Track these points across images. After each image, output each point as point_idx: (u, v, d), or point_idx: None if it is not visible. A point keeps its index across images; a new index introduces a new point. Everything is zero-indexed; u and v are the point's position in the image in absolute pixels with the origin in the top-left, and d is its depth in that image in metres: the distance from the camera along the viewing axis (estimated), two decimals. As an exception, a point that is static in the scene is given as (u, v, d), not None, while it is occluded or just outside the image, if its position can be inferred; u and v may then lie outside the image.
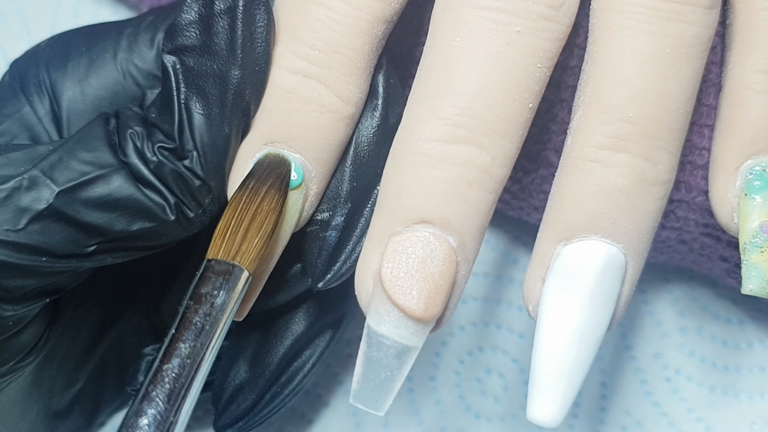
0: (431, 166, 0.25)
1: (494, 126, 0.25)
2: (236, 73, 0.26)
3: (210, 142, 0.26)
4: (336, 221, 0.27)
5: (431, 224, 0.24)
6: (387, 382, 0.25)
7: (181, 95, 0.26)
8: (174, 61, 0.27)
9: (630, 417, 0.35)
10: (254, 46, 0.26)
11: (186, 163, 0.26)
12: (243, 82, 0.26)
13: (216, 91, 0.26)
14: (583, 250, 0.25)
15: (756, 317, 0.36)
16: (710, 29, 0.26)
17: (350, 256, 0.27)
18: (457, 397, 0.35)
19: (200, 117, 0.26)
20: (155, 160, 0.26)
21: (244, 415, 0.31)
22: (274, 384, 0.31)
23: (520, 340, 0.36)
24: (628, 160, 0.25)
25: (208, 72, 0.26)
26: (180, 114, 0.26)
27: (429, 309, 0.24)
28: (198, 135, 0.26)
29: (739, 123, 0.27)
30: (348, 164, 0.28)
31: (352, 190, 0.27)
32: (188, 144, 0.26)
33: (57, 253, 0.25)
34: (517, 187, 0.33)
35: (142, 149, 0.26)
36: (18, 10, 0.40)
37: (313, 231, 0.28)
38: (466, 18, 0.25)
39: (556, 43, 0.25)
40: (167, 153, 0.26)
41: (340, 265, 0.27)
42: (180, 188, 0.26)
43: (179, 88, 0.26)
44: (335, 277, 0.27)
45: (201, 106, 0.26)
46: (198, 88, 0.26)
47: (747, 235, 0.26)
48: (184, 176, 0.26)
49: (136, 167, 0.26)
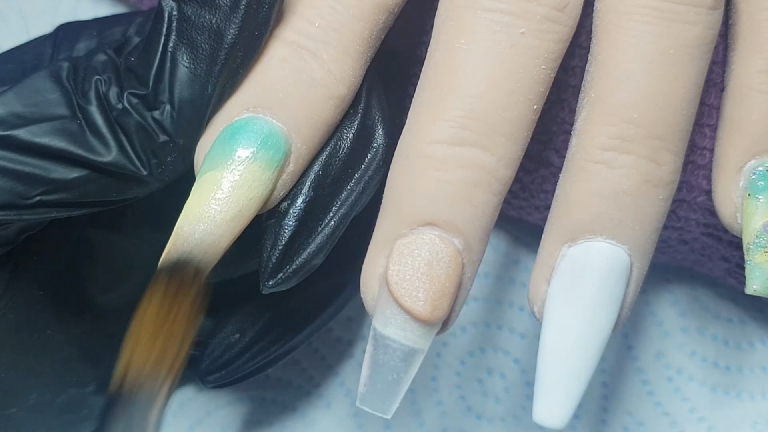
0: (436, 168, 0.24)
1: (499, 128, 0.25)
2: (233, 32, 0.25)
3: (189, 98, 0.25)
4: (295, 208, 0.26)
5: (437, 226, 0.24)
6: (394, 384, 0.25)
7: (170, 43, 0.25)
8: (172, 7, 0.25)
9: (632, 417, 0.35)
10: (258, 9, 0.25)
11: (155, 115, 0.25)
12: (239, 42, 0.25)
13: (208, 47, 0.25)
14: (588, 251, 0.25)
15: (757, 317, 0.36)
16: (714, 30, 0.26)
17: (308, 252, 0.26)
18: (458, 398, 0.35)
19: (185, 70, 0.25)
20: (120, 107, 0.25)
21: (228, 364, 0.31)
22: (261, 340, 0.31)
23: (521, 340, 0.36)
24: (633, 161, 0.25)
25: (205, 25, 0.25)
26: (162, 61, 0.25)
27: (435, 311, 0.24)
28: (177, 88, 0.25)
29: (742, 123, 0.27)
30: (318, 156, 0.26)
31: (318, 180, 0.26)
32: (163, 95, 0.25)
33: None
34: (518, 187, 0.33)
35: (106, 94, 0.25)
36: (17, 10, 0.40)
37: (272, 224, 0.26)
38: (470, 20, 0.25)
39: (560, 44, 0.25)
40: (136, 101, 0.25)
41: (296, 262, 0.25)
42: (141, 142, 0.25)
43: (169, 35, 0.25)
44: (288, 276, 0.26)
45: (188, 59, 0.25)
46: (189, 40, 0.25)
47: (750, 235, 0.26)
48: (147, 129, 0.25)
49: (90, 112, 0.25)
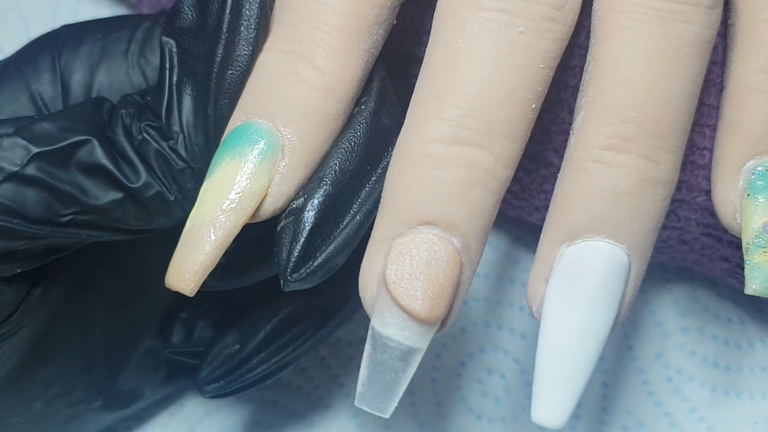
0: (435, 167, 0.24)
1: (497, 127, 0.25)
2: (220, 51, 0.26)
3: (194, 123, 0.26)
4: (313, 202, 0.25)
5: (435, 225, 0.24)
6: (392, 384, 0.25)
7: (174, 77, 0.26)
8: (171, 44, 0.27)
9: (632, 417, 0.35)
10: (239, 28, 0.26)
11: (171, 144, 0.26)
12: (226, 61, 0.26)
13: (203, 71, 0.26)
14: (586, 250, 0.25)
15: (757, 317, 0.36)
16: (712, 29, 0.26)
17: (332, 248, 0.25)
18: (458, 399, 0.35)
19: (189, 98, 0.26)
20: (140, 138, 0.26)
21: (227, 375, 0.31)
22: (262, 351, 0.31)
23: (521, 340, 0.36)
24: (631, 160, 0.25)
25: (200, 53, 0.26)
26: (170, 94, 0.26)
27: (434, 310, 0.24)
28: (185, 116, 0.26)
29: (741, 123, 0.27)
30: (332, 152, 0.26)
31: (335, 175, 0.26)
32: (175, 125, 0.26)
33: (29, 216, 0.25)
34: (518, 187, 0.33)
35: (129, 127, 0.26)
36: (17, 10, 0.40)
37: (288, 223, 0.26)
38: (468, 19, 0.25)
39: (558, 43, 0.25)
40: (153, 132, 0.26)
41: (319, 257, 0.25)
42: (162, 169, 0.26)
43: (173, 69, 0.26)
44: (312, 271, 0.25)
45: (191, 87, 0.26)
46: (190, 70, 0.26)
47: (750, 235, 0.26)
48: (166, 157, 0.26)
49: (119, 142, 0.26)
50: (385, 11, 0.27)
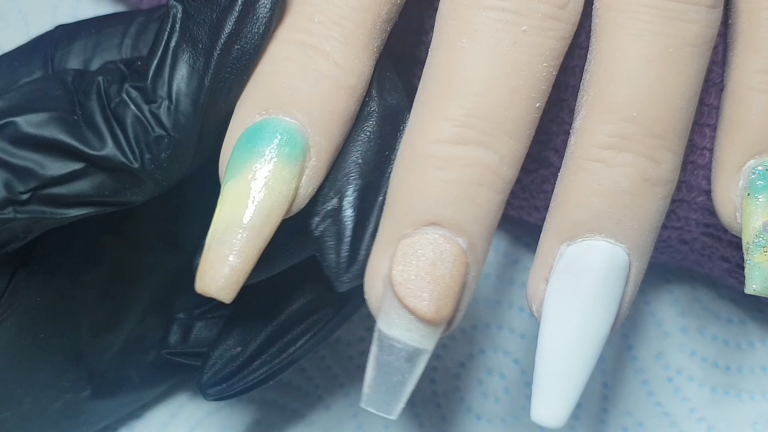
0: (439, 167, 0.24)
1: (502, 126, 0.25)
2: (230, 24, 0.25)
3: (186, 92, 0.25)
4: (348, 198, 0.26)
5: (440, 226, 0.24)
6: (399, 385, 0.24)
7: (172, 41, 0.25)
8: (177, 9, 0.26)
9: (632, 417, 0.35)
10: (257, 7, 0.25)
11: (152, 108, 0.25)
12: (235, 35, 0.25)
13: (207, 40, 0.25)
14: (586, 250, 0.25)
15: (757, 317, 0.36)
16: (713, 28, 0.26)
17: (372, 236, 0.25)
18: (458, 399, 0.35)
19: (185, 66, 0.25)
20: (118, 99, 0.25)
21: (229, 378, 0.31)
22: (263, 353, 0.31)
23: (521, 340, 0.36)
24: (632, 159, 0.25)
25: (206, 21, 0.25)
26: (163, 57, 0.25)
27: (440, 311, 0.24)
28: (176, 82, 0.25)
29: (742, 123, 0.27)
30: (351, 146, 0.26)
31: (360, 168, 0.26)
32: (161, 89, 0.25)
33: None
34: (518, 187, 0.33)
35: (107, 90, 0.25)
36: (17, 10, 0.40)
37: (328, 226, 0.26)
38: (472, 18, 0.25)
39: (561, 42, 0.25)
40: (135, 94, 0.25)
41: (364, 249, 0.25)
42: (135, 134, 0.25)
43: (173, 33, 0.26)
44: (362, 266, 0.25)
45: (189, 55, 0.25)
46: (191, 36, 0.25)
47: (750, 234, 0.26)
48: (143, 121, 0.25)
49: (89, 107, 0.25)
50: (395, 8, 0.27)
